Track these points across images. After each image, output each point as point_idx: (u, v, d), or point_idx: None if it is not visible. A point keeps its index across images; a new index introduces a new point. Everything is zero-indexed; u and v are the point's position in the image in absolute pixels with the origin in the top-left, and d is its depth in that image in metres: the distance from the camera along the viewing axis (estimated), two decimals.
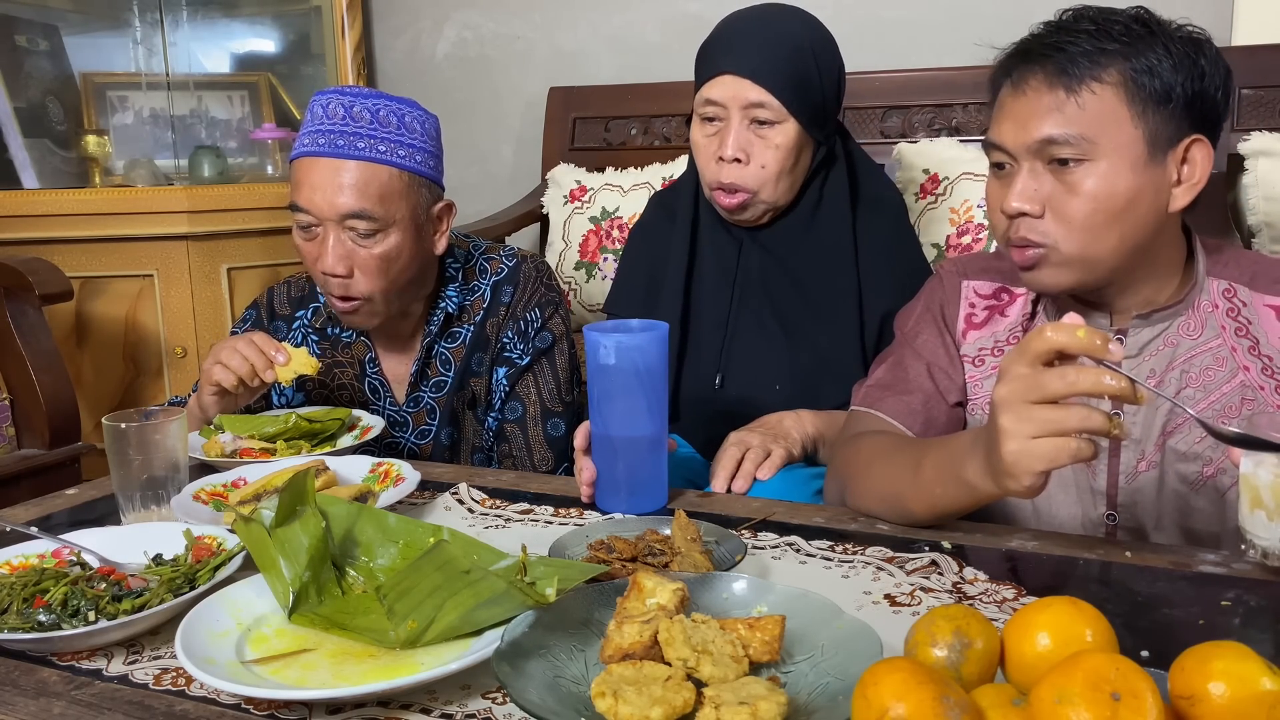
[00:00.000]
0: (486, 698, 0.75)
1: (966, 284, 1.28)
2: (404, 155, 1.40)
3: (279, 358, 1.36)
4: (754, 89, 1.42)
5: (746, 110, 1.43)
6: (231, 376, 1.34)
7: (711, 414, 1.52)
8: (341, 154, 1.37)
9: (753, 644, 0.73)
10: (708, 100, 1.45)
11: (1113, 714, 0.54)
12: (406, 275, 1.44)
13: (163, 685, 0.79)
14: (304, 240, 1.41)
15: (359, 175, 1.36)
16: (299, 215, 1.39)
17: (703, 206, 1.57)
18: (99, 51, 2.85)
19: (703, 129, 1.48)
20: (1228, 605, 0.87)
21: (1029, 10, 2.15)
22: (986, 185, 1.16)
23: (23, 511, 1.20)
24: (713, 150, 1.46)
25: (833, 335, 1.50)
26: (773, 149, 1.44)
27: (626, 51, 2.53)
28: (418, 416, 1.54)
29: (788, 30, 1.46)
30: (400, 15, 2.82)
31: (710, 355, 1.55)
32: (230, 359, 1.35)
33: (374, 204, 1.37)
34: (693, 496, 1.21)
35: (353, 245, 1.38)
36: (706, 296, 1.57)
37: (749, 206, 1.47)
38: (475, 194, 2.71)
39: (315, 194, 1.37)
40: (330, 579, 0.89)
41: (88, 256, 2.37)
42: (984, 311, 1.26)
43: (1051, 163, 1.06)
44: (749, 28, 1.46)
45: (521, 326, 1.53)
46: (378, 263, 1.39)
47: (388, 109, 1.40)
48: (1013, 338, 1.23)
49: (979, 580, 0.93)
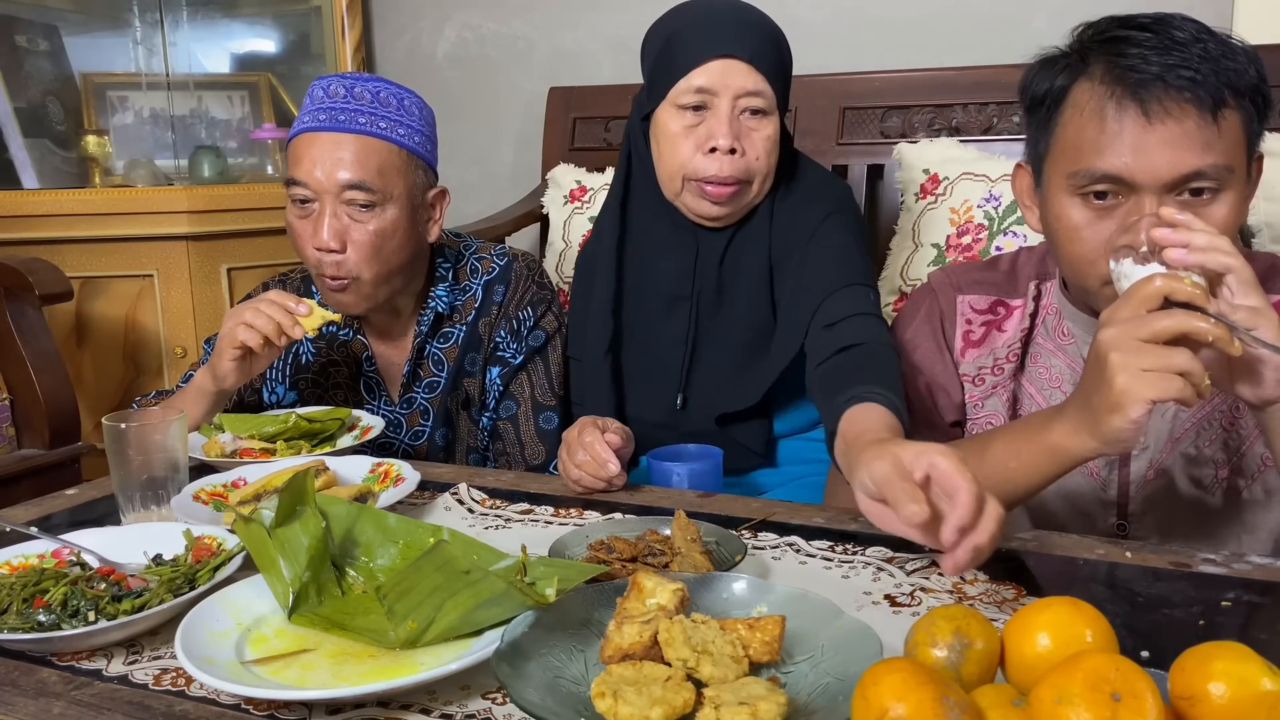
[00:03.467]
0: (486, 698, 0.75)
1: (961, 299, 1.26)
2: (403, 134, 1.41)
3: (301, 309, 1.35)
4: (752, 76, 1.34)
5: (739, 99, 1.35)
6: (257, 336, 1.32)
7: (674, 439, 1.41)
8: (342, 128, 1.38)
9: (753, 644, 0.73)
10: (697, 88, 1.35)
11: (1113, 714, 0.54)
12: (399, 258, 1.43)
13: (162, 685, 0.79)
14: (299, 218, 1.41)
15: (359, 148, 1.38)
16: (296, 190, 1.40)
17: (647, 218, 1.47)
18: (99, 51, 2.85)
19: (681, 119, 1.37)
20: (1228, 605, 0.87)
21: (1029, 10, 2.16)
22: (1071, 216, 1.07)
23: (23, 511, 1.20)
24: (697, 141, 1.36)
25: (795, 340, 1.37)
26: (763, 140, 1.37)
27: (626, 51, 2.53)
28: (411, 417, 1.54)
29: (765, 19, 1.40)
30: (400, 15, 2.82)
31: (670, 374, 1.47)
32: (255, 318, 1.32)
33: (373, 176, 1.38)
34: (693, 497, 1.21)
35: (348, 220, 1.39)
36: (660, 313, 1.47)
37: (737, 199, 1.39)
38: (475, 194, 2.71)
39: (315, 167, 1.38)
40: (330, 579, 0.89)
41: (88, 256, 2.37)
42: (981, 328, 1.24)
43: (1183, 194, 1.01)
44: (732, 13, 1.38)
45: (514, 325, 1.53)
46: (372, 239, 1.39)
47: (388, 91, 1.43)
48: (1012, 354, 1.21)
49: (979, 580, 0.93)
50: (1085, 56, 1.06)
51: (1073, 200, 1.06)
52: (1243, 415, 1.13)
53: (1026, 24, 2.14)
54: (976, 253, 1.92)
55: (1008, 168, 1.93)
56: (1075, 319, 1.18)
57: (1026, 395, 1.21)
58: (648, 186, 1.45)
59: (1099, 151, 1.03)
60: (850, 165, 2.19)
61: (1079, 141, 1.05)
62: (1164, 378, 0.87)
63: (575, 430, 1.22)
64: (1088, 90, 1.05)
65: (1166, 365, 0.87)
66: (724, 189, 1.36)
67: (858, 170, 2.18)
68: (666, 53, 1.39)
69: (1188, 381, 0.87)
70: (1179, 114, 1.00)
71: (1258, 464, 1.13)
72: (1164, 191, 1.01)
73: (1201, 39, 1.01)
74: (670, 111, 1.38)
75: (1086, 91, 1.05)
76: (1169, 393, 0.87)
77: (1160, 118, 1.00)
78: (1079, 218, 1.06)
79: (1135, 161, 1.01)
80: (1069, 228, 1.07)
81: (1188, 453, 1.11)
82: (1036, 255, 1.26)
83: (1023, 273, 1.26)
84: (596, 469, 1.18)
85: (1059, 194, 1.08)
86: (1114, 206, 1.04)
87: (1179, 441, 1.12)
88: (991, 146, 2.04)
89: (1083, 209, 1.06)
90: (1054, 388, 1.19)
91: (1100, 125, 1.03)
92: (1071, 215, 1.07)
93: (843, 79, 2.14)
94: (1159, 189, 1.01)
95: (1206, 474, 1.11)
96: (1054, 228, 1.10)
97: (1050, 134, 1.09)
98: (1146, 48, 1.01)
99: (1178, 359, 0.87)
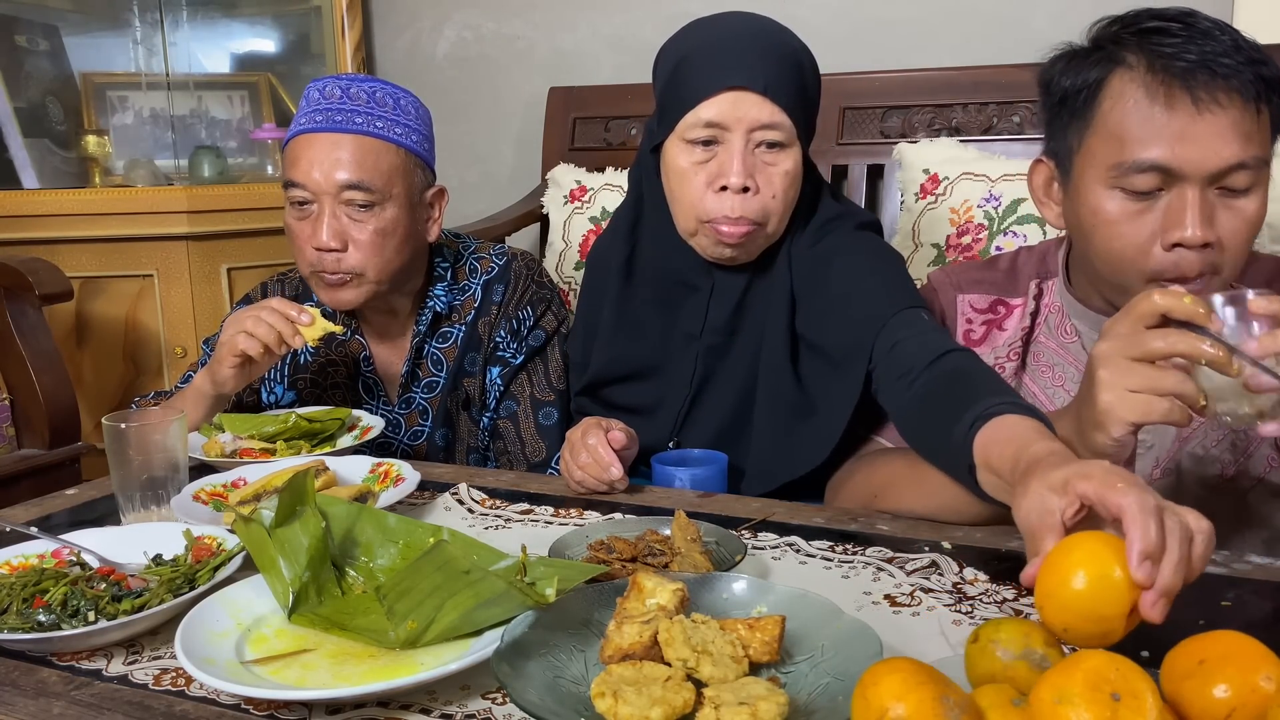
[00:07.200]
0: (486, 698, 0.75)
1: (962, 298, 1.25)
2: (400, 133, 1.41)
3: (303, 318, 1.34)
4: (766, 108, 1.23)
5: (753, 132, 1.24)
6: (257, 344, 1.32)
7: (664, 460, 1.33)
8: (340, 128, 1.38)
9: (753, 644, 0.73)
10: (706, 122, 1.24)
11: (1113, 714, 0.54)
12: (400, 257, 1.43)
13: (162, 685, 0.79)
14: (297, 219, 1.41)
15: (357, 148, 1.38)
16: (294, 192, 1.40)
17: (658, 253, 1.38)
18: (99, 51, 2.85)
19: (690, 154, 1.26)
20: (1228, 605, 0.87)
21: (1029, 10, 2.16)
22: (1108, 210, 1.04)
23: (23, 511, 1.20)
24: (708, 177, 1.26)
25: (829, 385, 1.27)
26: (781, 175, 1.26)
27: (626, 51, 2.53)
28: (410, 418, 1.54)
29: (786, 41, 1.29)
30: (400, 15, 2.82)
31: (667, 414, 1.40)
32: (256, 327, 1.32)
33: (371, 175, 1.38)
34: (692, 497, 1.21)
35: (348, 221, 1.39)
36: (665, 350, 1.39)
37: (751, 242, 1.29)
38: (475, 194, 2.71)
39: (313, 169, 1.37)
40: (330, 579, 0.89)
41: (88, 256, 2.37)
42: (981, 327, 1.23)
43: (1221, 187, 1.00)
44: (747, 38, 1.27)
45: (514, 325, 1.53)
46: (372, 237, 1.39)
47: (384, 91, 1.43)
48: (1013, 352, 1.21)
49: (979, 580, 0.93)
50: (1119, 48, 1.04)
51: (1111, 194, 1.04)
52: None
53: (1026, 24, 2.14)
54: (976, 253, 1.92)
55: (1008, 168, 1.93)
56: (1082, 317, 1.18)
57: (1029, 395, 1.21)
58: (658, 217, 1.36)
59: (1144, 141, 1.00)
60: (850, 165, 2.19)
61: (1121, 132, 1.02)
62: (1148, 400, 0.85)
63: (579, 431, 1.21)
64: (1129, 80, 1.02)
65: (1154, 387, 0.85)
66: (737, 229, 1.26)
67: (858, 170, 2.19)
68: (675, 81, 1.29)
69: (1176, 404, 0.85)
70: (1226, 102, 0.98)
71: (1264, 465, 1.13)
72: (1207, 184, 1.00)
73: (1227, 32, 1.01)
74: (679, 146, 1.28)
75: (1128, 81, 1.02)
76: (1152, 415, 0.85)
77: (1209, 106, 0.98)
78: (1119, 211, 1.03)
79: (1183, 151, 0.98)
80: (1107, 222, 1.04)
81: (1195, 452, 1.11)
82: (1037, 254, 1.26)
83: (1023, 272, 1.25)
84: (599, 471, 1.18)
85: (1095, 187, 1.05)
86: (1155, 199, 1.02)
87: (1187, 441, 1.12)
88: (991, 146, 2.04)
89: (1123, 202, 1.03)
90: (1057, 386, 1.19)
91: (1146, 114, 1.00)
92: (1110, 209, 1.04)
93: (843, 79, 2.14)
94: (1203, 179, 0.99)
95: (1212, 474, 1.11)
96: (1090, 223, 1.07)
97: (1086, 127, 1.06)
98: (1182, 37, 1.00)
99: (1167, 381, 0.85)
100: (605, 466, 1.17)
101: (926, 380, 1.07)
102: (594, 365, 1.45)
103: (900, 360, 1.13)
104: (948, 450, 0.96)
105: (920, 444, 1.06)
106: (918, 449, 1.06)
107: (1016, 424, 0.90)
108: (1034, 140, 2.03)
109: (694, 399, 1.39)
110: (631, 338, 1.41)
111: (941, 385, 1.05)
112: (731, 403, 1.37)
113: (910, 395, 1.09)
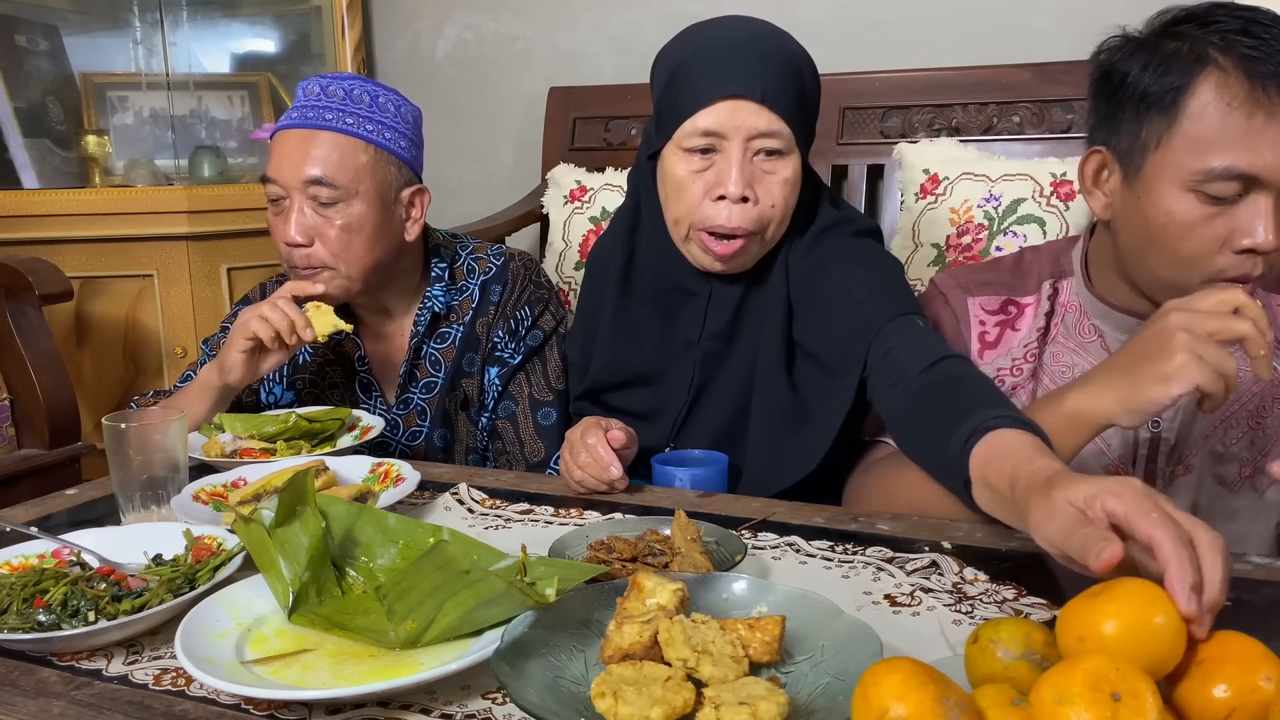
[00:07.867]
0: (486, 698, 0.75)
1: (972, 301, 1.25)
2: (372, 130, 1.42)
3: (315, 288, 1.39)
4: (764, 116, 1.22)
5: (751, 141, 1.23)
6: (269, 329, 1.34)
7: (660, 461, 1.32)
8: (310, 125, 1.40)
9: (753, 644, 0.73)
10: (704, 131, 1.23)
11: (1113, 714, 0.54)
12: (371, 254, 1.43)
13: (162, 685, 0.79)
14: (273, 215, 1.44)
15: (324, 144, 1.39)
16: (269, 187, 1.42)
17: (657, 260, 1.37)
18: (99, 51, 2.85)
19: (688, 163, 1.25)
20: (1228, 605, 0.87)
21: (1029, 10, 2.16)
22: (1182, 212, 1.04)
23: (23, 511, 1.20)
24: (705, 186, 1.25)
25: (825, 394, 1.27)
26: (780, 183, 1.25)
27: (626, 51, 2.53)
28: (408, 418, 1.54)
29: (784, 46, 1.27)
30: (400, 15, 2.82)
31: (664, 419, 1.40)
32: (271, 313, 1.34)
33: (335, 171, 1.39)
34: (693, 497, 1.21)
35: (315, 217, 1.40)
36: (663, 357, 1.39)
37: (745, 253, 1.28)
38: (475, 194, 2.71)
39: (283, 163, 1.40)
40: (330, 579, 0.89)
41: (88, 256, 2.37)
42: (995, 329, 1.23)
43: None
44: (744, 44, 1.25)
45: (512, 325, 1.53)
46: (338, 233, 1.40)
47: (362, 89, 1.44)
48: (1029, 354, 1.20)
49: (979, 580, 0.93)
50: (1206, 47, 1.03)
51: (1186, 196, 1.04)
52: (1268, 414, 1.14)
53: (1026, 24, 2.14)
54: (976, 253, 1.92)
55: (1008, 168, 1.93)
56: (1104, 316, 1.18)
57: None
58: (656, 223, 1.35)
59: (1233, 149, 1.01)
60: (850, 165, 2.19)
61: (1211, 137, 1.02)
62: (1214, 372, 0.91)
63: (578, 430, 1.21)
64: (1221, 85, 1.02)
65: (1219, 362, 0.91)
66: (730, 245, 1.26)
67: (857, 170, 2.19)
68: (672, 88, 1.27)
69: (1225, 383, 0.91)
70: None
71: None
72: None
73: None
74: (677, 154, 1.27)
75: (1221, 87, 1.02)
76: (1213, 386, 0.91)
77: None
78: (1194, 214, 1.04)
79: (1273, 159, 1.00)
80: (1181, 224, 1.05)
81: (1215, 450, 1.12)
82: (1047, 254, 1.25)
83: (1032, 271, 1.25)
84: (598, 471, 1.18)
85: (1170, 188, 1.05)
86: (1231, 204, 1.02)
87: (1208, 438, 1.12)
88: (991, 146, 2.04)
89: (1199, 206, 1.03)
90: None
91: (1238, 123, 1.01)
92: (1184, 211, 1.04)
93: (843, 79, 2.14)
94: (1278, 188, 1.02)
95: (1231, 472, 1.11)
96: (1160, 223, 1.06)
97: (1168, 127, 1.04)
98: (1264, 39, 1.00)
99: (1229, 361, 0.91)
100: (605, 466, 1.17)
101: (920, 388, 1.07)
102: (593, 370, 1.45)
103: (894, 367, 1.13)
104: (943, 464, 0.97)
105: (915, 454, 1.06)
106: (912, 458, 1.06)
107: (1013, 439, 0.89)
108: (1034, 140, 2.04)
109: (692, 405, 1.39)
110: (630, 343, 1.41)
111: (934, 394, 1.05)
112: (729, 409, 1.37)
113: (903, 404, 1.09)
